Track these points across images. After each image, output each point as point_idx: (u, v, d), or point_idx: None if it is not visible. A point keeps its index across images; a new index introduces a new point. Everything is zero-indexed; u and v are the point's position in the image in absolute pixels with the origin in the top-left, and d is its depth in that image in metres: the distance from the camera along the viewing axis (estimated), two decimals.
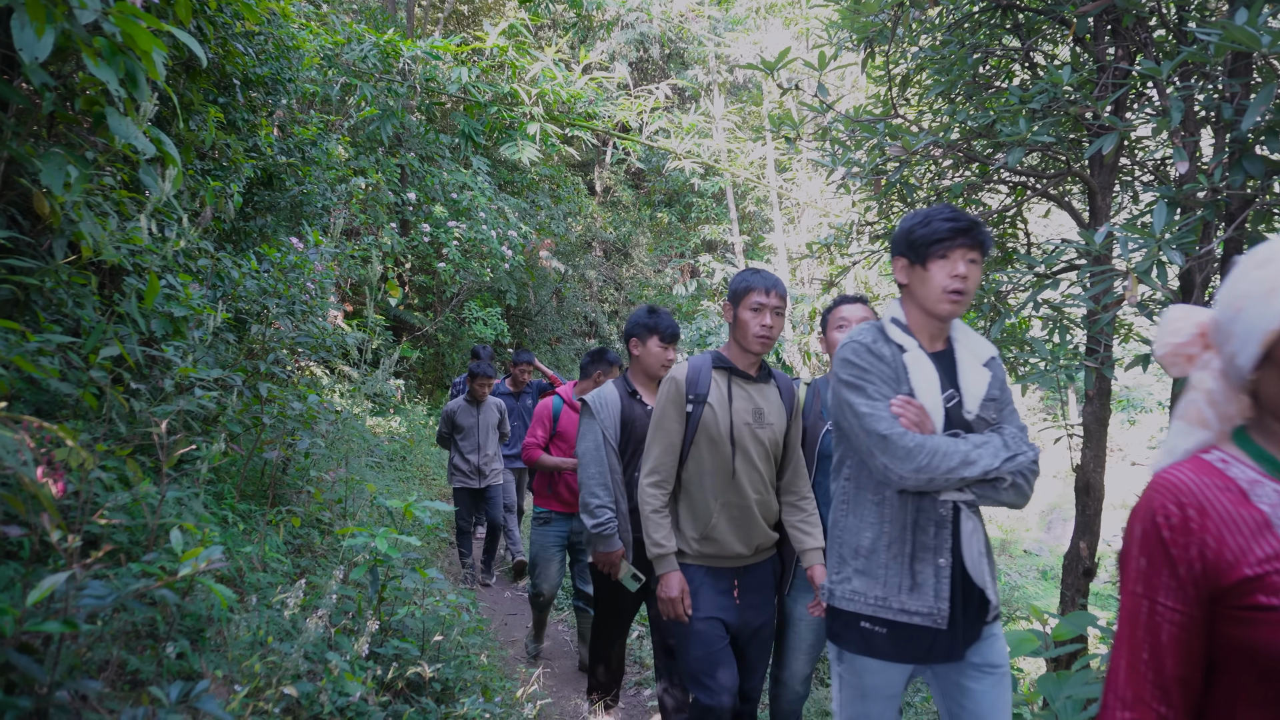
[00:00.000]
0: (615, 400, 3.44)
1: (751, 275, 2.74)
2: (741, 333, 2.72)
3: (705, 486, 2.75)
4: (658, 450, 2.78)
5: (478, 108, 8.49)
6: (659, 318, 3.49)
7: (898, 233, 2.17)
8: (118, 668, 1.90)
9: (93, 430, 2.43)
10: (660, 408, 2.78)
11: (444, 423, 6.12)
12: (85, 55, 1.85)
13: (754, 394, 2.78)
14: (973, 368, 2.16)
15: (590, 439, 3.38)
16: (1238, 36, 2.14)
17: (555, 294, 15.56)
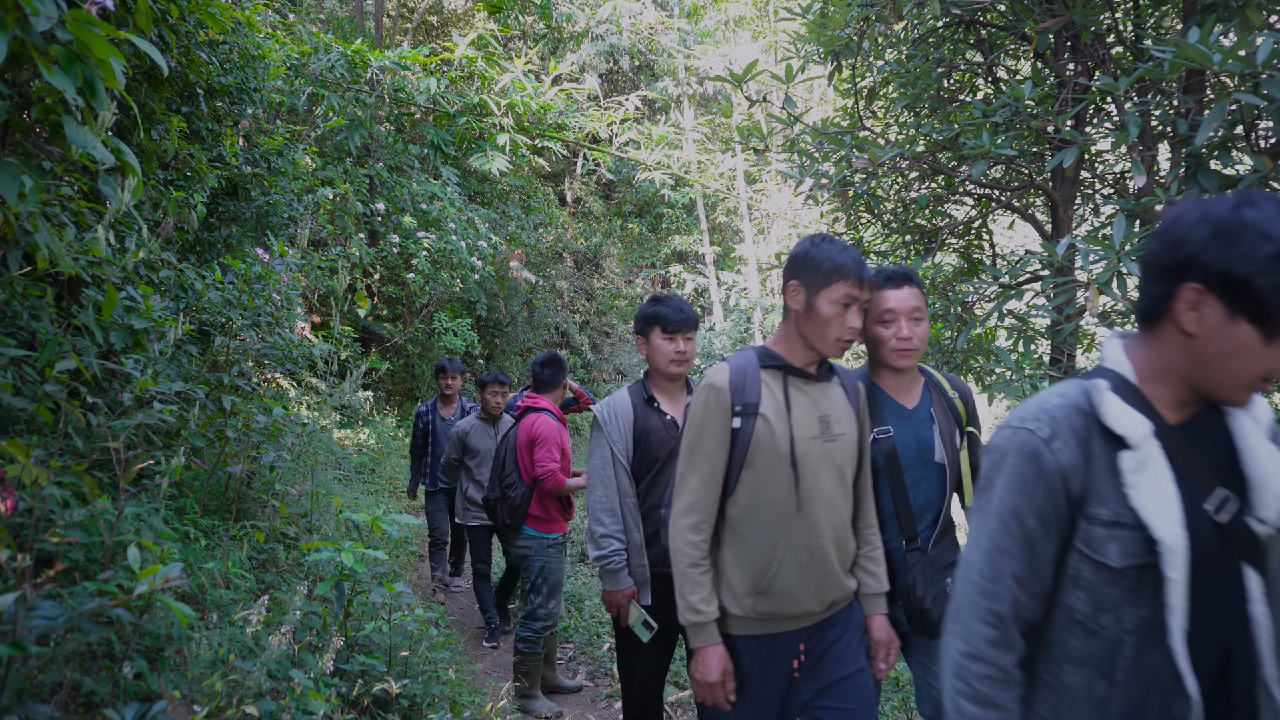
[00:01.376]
0: (627, 409, 2.99)
1: (840, 253, 2.05)
2: (817, 328, 2.06)
3: (761, 524, 2.08)
4: (695, 481, 2.10)
5: (447, 118, 8.46)
6: (661, 305, 2.99)
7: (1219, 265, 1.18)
8: (71, 690, 1.85)
9: (48, 446, 2.37)
10: (696, 425, 2.12)
11: (452, 445, 5.26)
12: (40, 63, 1.81)
13: (817, 397, 2.15)
14: (1259, 442, 1.29)
15: (598, 456, 2.96)
16: (1190, 54, 2.19)
17: (526, 304, 15.51)
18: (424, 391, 12.66)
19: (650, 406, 3.01)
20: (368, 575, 2.92)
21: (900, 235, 4.45)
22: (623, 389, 3.09)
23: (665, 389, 3.04)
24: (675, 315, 2.96)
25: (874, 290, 2.29)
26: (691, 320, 2.97)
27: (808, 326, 2.09)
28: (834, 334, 2.06)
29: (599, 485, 2.95)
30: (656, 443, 2.95)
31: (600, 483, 2.95)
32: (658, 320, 2.96)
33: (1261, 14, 2.74)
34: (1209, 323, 1.20)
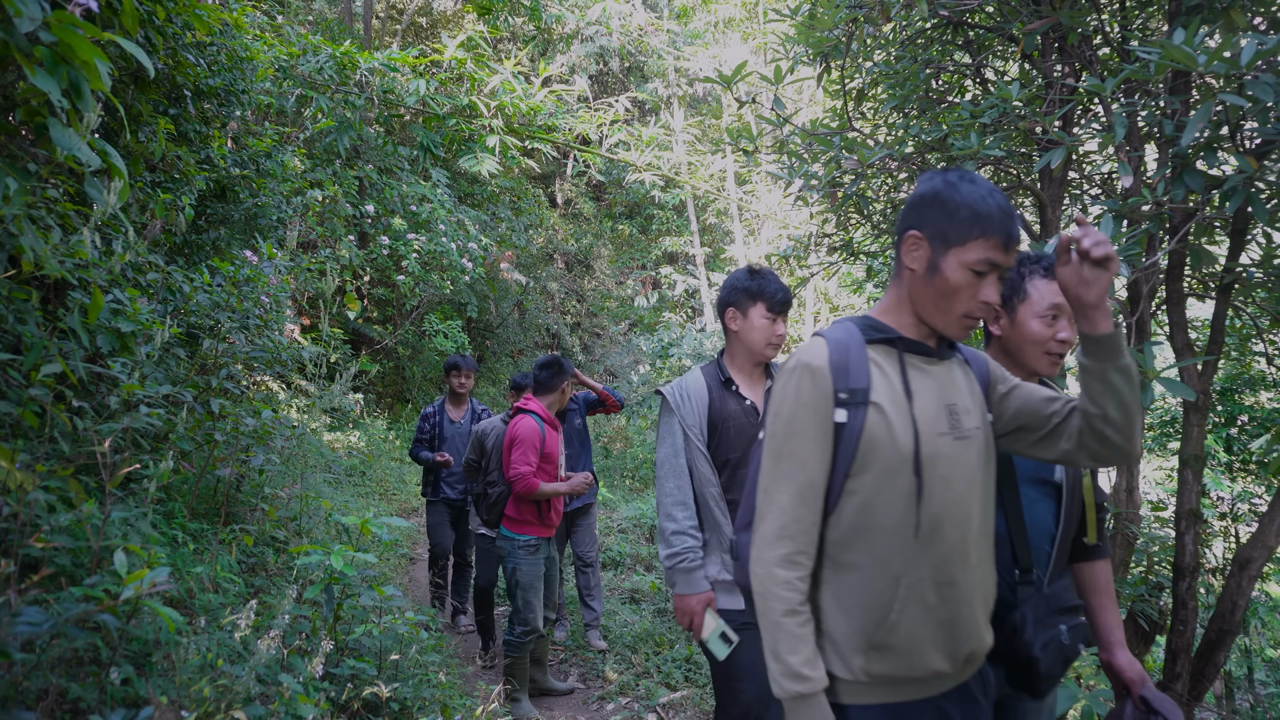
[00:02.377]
0: (701, 391, 2.67)
1: (984, 199, 1.53)
2: (938, 299, 1.58)
3: (875, 554, 1.55)
4: (787, 496, 1.57)
5: (436, 120, 8.44)
6: (765, 280, 2.69)
7: None
8: (57, 696, 1.84)
9: (33, 450, 2.35)
10: (784, 419, 1.60)
11: (472, 446, 4.82)
12: (25, 65, 1.80)
13: (942, 380, 1.64)
14: None
15: (668, 443, 2.65)
16: (1176, 56, 2.20)
17: (517, 306, 15.49)
18: (415, 394, 12.63)
19: (728, 389, 2.68)
20: (358, 578, 2.92)
21: (890, 236, 4.46)
22: (694, 369, 2.77)
23: (746, 372, 2.72)
24: (782, 294, 2.67)
25: (1041, 277, 1.91)
26: (791, 303, 2.71)
27: (926, 294, 1.60)
28: (960, 308, 1.57)
29: (669, 476, 2.63)
30: (735, 430, 2.62)
31: (671, 473, 2.63)
32: (762, 296, 2.65)
33: (1245, 16, 2.76)
34: None
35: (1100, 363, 1.58)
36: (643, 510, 8.09)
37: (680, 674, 4.76)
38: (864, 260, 4.76)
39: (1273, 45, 2.15)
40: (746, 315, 2.67)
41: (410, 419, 11.83)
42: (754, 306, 2.66)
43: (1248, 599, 3.20)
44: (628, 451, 11.21)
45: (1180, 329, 3.28)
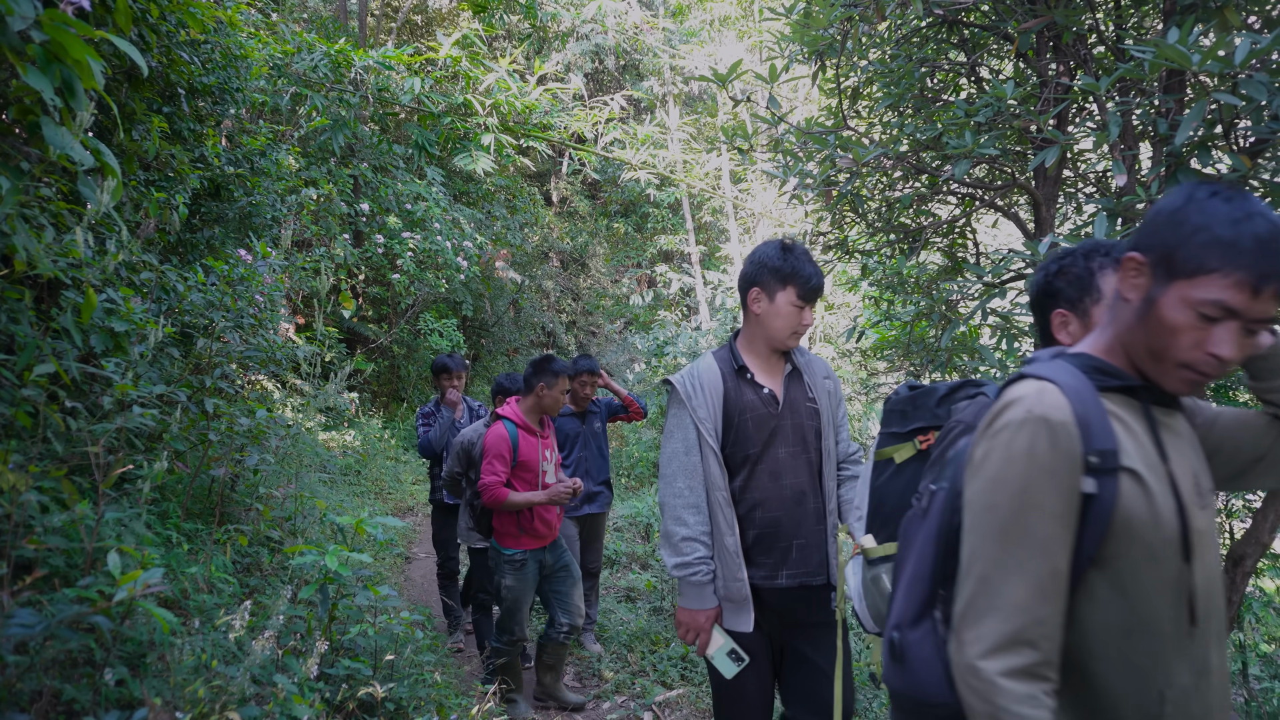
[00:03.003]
0: (715, 380, 2.42)
1: (1239, 225, 1.18)
2: (1153, 339, 1.27)
3: (1131, 660, 1.24)
4: (1023, 589, 1.21)
5: (431, 118, 8.43)
6: (798, 261, 2.41)
7: None
8: (51, 698, 1.83)
9: (26, 451, 2.34)
10: (1016, 490, 1.24)
11: (455, 458, 4.41)
12: (17, 64, 1.79)
13: (1185, 434, 1.38)
14: None
15: (679, 438, 2.41)
16: (1170, 55, 2.21)
17: (512, 305, 15.48)
18: (410, 393, 12.61)
19: (742, 378, 2.44)
20: (352, 578, 2.91)
21: (884, 234, 4.46)
22: (705, 355, 2.52)
23: (763, 358, 2.48)
24: (816, 279, 2.42)
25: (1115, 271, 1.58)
26: (822, 291, 2.47)
27: (1136, 333, 1.30)
28: (1178, 355, 1.24)
29: (679, 475, 2.39)
30: (754, 423, 2.38)
31: (682, 471, 2.39)
32: (794, 280, 2.39)
33: (1239, 15, 2.77)
34: None
35: None
36: (638, 509, 8.09)
37: (676, 672, 4.76)
38: (859, 259, 4.76)
39: (1266, 44, 2.16)
40: (773, 299, 2.41)
41: (406, 418, 11.82)
42: (782, 290, 2.40)
43: (1242, 595, 3.21)
44: (623, 450, 11.22)
45: None
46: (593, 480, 5.05)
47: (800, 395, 2.49)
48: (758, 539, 2.41)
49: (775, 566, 2.40)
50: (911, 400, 1.84)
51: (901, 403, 1.86)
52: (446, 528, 5.16)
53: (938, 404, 1.77)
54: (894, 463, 1.82)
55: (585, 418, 5.07)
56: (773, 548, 2.41)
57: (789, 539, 2.41)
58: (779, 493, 2.41)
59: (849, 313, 11.87)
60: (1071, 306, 1.66)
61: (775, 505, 2.41)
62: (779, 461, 2.42)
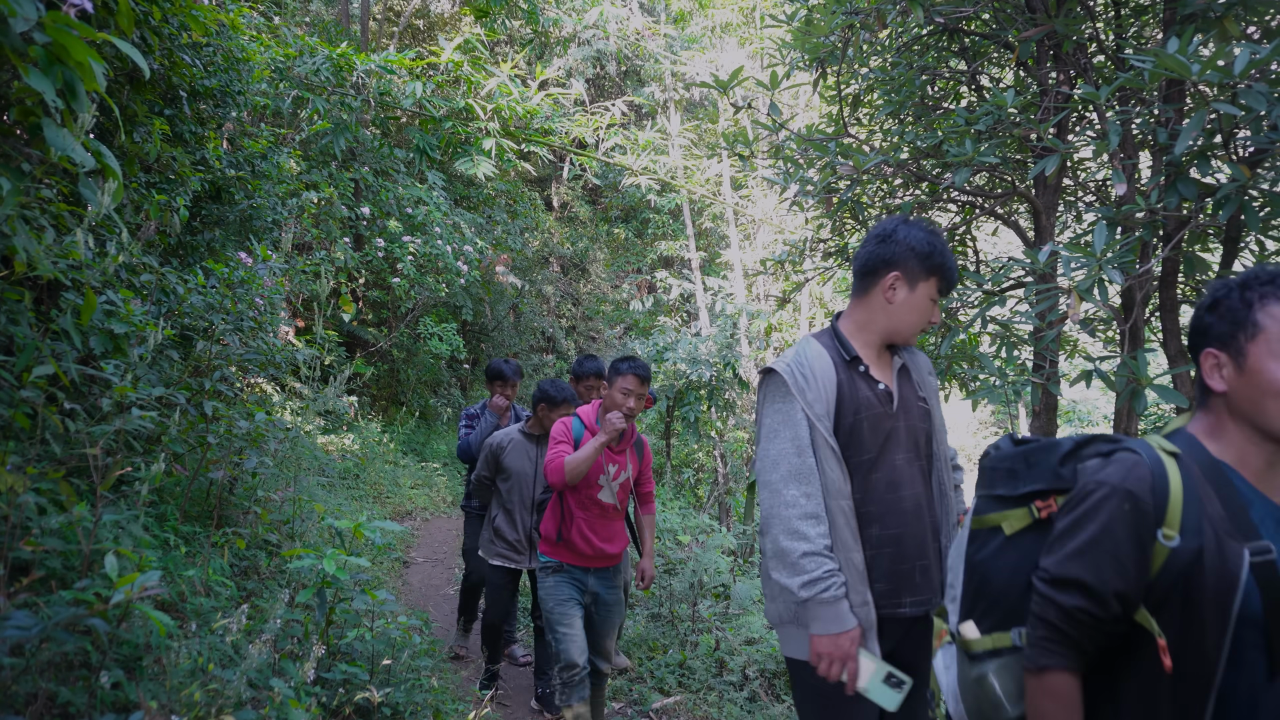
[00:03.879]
0: (827, 369, 2.09)
1: None
2: None
3: None
4: None
5: (433, 122, 8.44)
6: (945, 250, 2.16)
7: None
8: (47, 700, 1.83)
9: (24, 452, 2.34)
10: None
11: (484, 461, 4.29)
12: (19, 65, 1.79)
13: None
14: None
15: (786, 436, 2.05)
16: (1170, 64, 2.21)
17: (512, 309, 15.48)
18: (409, 396, 12.59)
19: (855, 370, 2.14)
20: (350, 582, 2.90)
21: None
22: (806, 340, 2.19)
23: (874, 350, 2.19)
24: (955, 274, 2.18)
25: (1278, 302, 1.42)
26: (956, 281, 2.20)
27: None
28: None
29: (792, 481, 2.01)
30: (870, 425, 2.08)
31: (794, 477, 2.01)
32: (941, 272, 2.14)
33: (1239, 25, 2.78)
34: None
35: None
36: None
37: (674, 679, 4.75)
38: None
39: (1266, 55, 2.16)
40: (914, 288, 2.13)
41: (405, 422, 11.81)
42: (925, 281, 2.13)
43: None
44: None
45: (1174, 336, 3.29)
46: None
47: (911, 394, 2.22)
48: (874, 560, 2.08)
49: (897, 593, 2.09)
50: (1024, 457, 1.58)
51: (1009, 459, 1.60)
52: (474, 537, 4.91)
53: (1060, 462, 1.52)
54: (1002, 533, 1.57)
55: None
56: (893, 570, 2.09)
57: (911, 560, 2.11)
58: (898, 505, 2.11)
59: None
60: (1223, 345, 1.44)
61: (895, 520, 2.10)
62: (897, 469, 2.12)
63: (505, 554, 4.28)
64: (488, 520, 4.37)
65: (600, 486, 3.56)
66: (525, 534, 4.26)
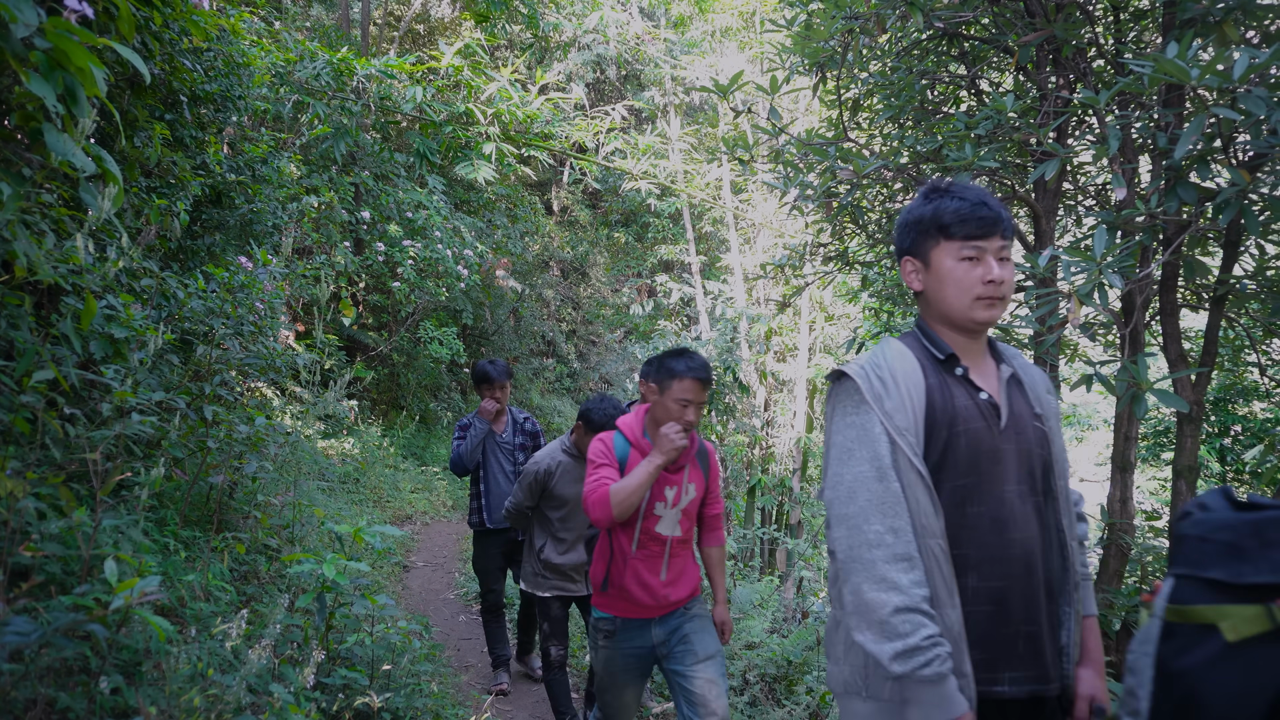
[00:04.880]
0: (914, 374, 1.67)
1: None
2: None
3: None
4: None
5: (433, 127, 8.45)
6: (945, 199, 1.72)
7: None
8: (46, 706, 1.82)
9: (24, 457, 2.34)
10: None
11: (528, 490, 3.75)
12: (19, 71, 1.80)
13: None
14: None
15: (864, 456, 1.62)
16: (1169, 69, 2.21)
17: (512, 313, 15.49)
18: (409, 401, 12.59)
19: (950, 373, 1.71)
20: (350, 587, 2.90)
21: (885, 246, 4.47)
22: (887, 339, 1.79)
23: (960, 348, 1.74)
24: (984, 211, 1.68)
25: None
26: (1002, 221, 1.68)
27: None
28: None
29: (872, 513, 1.58)
30: (968, 443, 1.63)
31: (876, 507, 1.59)
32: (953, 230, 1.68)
33: (1238, 30, 2.78)
34: None
35: None
36: None
37: None
38: (859, 270, 4.77)
39: (1265, 59, 2.17)
40: (930, 264, 1.72)
41: (405, 426, 11.80)
42: (937, 246, 1.70)
43: None
44: None
45: (1174, 340, 3.29)
46: None
47: (1025, 410, 1.75)
48: (969, 620, 1.61)
49: (993, 665, 1.62)
50: (1254, 531, 1.17)
51: (1229, 530, 1.19)
52: (485, 556, 4.64)
53: None
54: (1220, 637, 1.15)
55: None
56: (992, 636, 1.63)
57: (1016, 624, 1.63)
58: (1004, 551, 1.63)
59: (849, 324, 11.87)
60: None
61: (998, 569, 1.63)
62: (1005, 504, 1.65)
63: (560, 585, 3.79)
64: (530, 550, 3.86)
65: (658, 517, 2.81)
66: (578, 563, 3.79)
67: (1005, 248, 1.69)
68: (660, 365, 2.78)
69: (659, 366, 2.78)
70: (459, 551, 7.88)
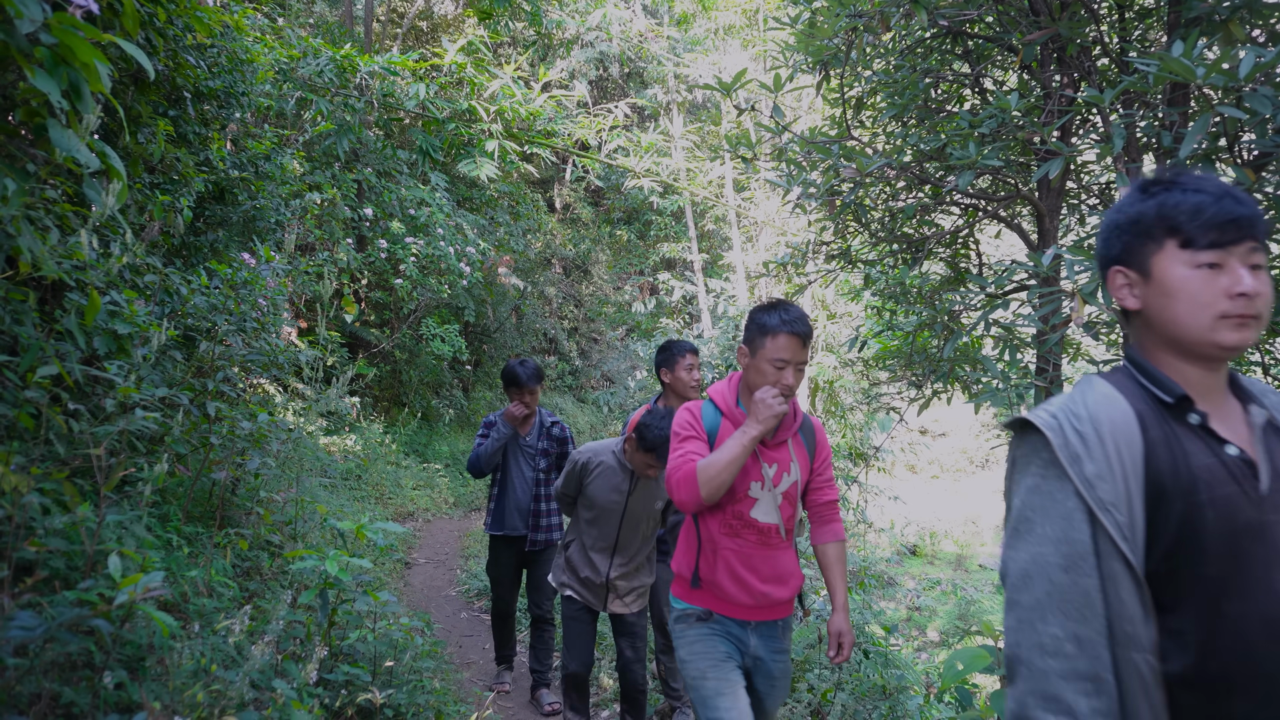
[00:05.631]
0: (1127, 419, 1.26)
1: None
2: None
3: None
4: None
5: (436, 124, 8.45)
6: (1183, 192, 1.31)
7: None
8: (50, 700, 1.83)
9: (28, 452, 2.34)
10: None
11: (565, 477, 3.59)
12: (24, 66, 1.80)
13: None
14: None
15: (1049, 534, 1.23)
16: (1174, 68, 2.21)
17: (514, 311, 15.49)
18: (411, 398, 12.59)
19: (1181, 421, 1.28)
20: (353, 583, 2.91)
21: (887, 244, 4.47)
22: (1090, 379, 1.38)
23: (1200, 385, 1.31)
24: (1194, 207, 1.28)
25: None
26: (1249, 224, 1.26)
27: None
28: None
29: (1052, 611, 1.19)
30: (1217, 514, 1.20)
31: (1055, 603, 1.19)
32: (1166, 221, 1.30)
33: (1244, 29, 2.77)
34: None
35: None
36: None
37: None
38: (862, 268, 4.76)
39: (1271, 58, 2.16)
40: (1153, 274, 1.33)
41: (408, 422, 11.81)
42: (1162, 251, 1.31)
43: None
44: None
45: None
46: None
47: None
48: None
49: None
50: None
51: None
52: (497, 563, 4.46)
53: None
54: None
55: None
56: None
57: None
58: (1275, 663, 1.18)
59: (851, 322, 11.87)
60: None
61: (1265, 691, 1.18)
62: (1276, 599, 1.19)
63: (580, 591, 3.55)
64: (563, 539, 3.74)
65: (753, 500, 2.43)
66: (603, 580, 3.49)
67: (1258, 251, 1.27)
68: (751, 321, 2.43)
69: (750, 323, 2.44)
70: (461, 548, 7.90)
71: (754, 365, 2.40)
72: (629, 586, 3.53)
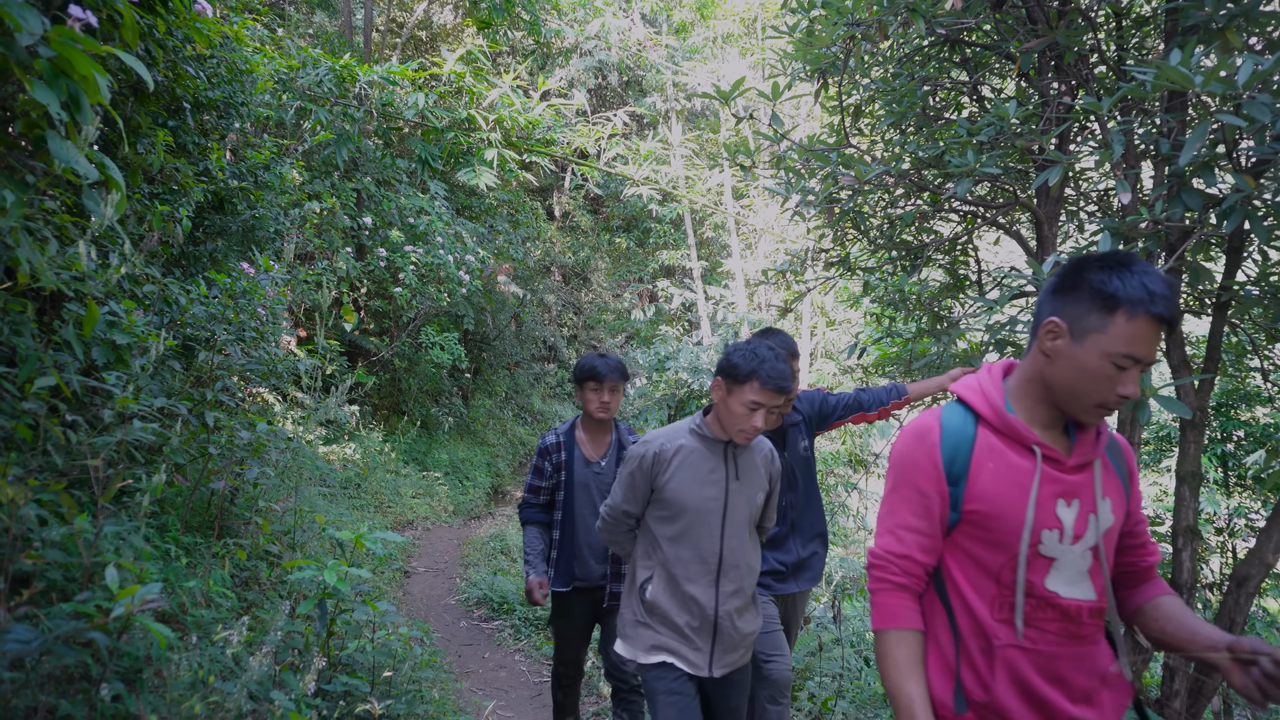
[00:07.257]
0: None
1: None
2: None
3: None
4: None
5: (435, 133, 8.47)
6: None
7: None
8: (47, 714, 1.82)
9: (26, 463, 2.34)
10: None
11: (628, 484, 2.53)
12: (23, 78, 1.80)
13: None
14: None
15: None
16: (1172, 76, 2.21)
17: (514, 319, 15.49)
18: (410, 406, 12.58)
19: None
20: (351, 593, 2.90)
21: (886, 252, 4.47)
22: None
23: None
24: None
25: None
26: None
27: None
28: None
29: None
30: None
31: None
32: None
33: (1241, 36, 2.78)
34: None
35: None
36: None
37: None
38: (861, 275, 4.77)
39: (1269, 66, 2.17)
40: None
41: (406, 431, 11.80)
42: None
43: (1246, 615, 3.19)
44: None
45: (1177, 346, 3.28)
46: (802, 537, 3.23)
47: None
48: None
49: None
50: None
51: None
52: (567, 617, 3.38)
53: None
54: None
55: (785, 435, 3.20)
56: None
57: None
58: None
59: (851, 329, 11.87)
60: None
61: None
62: None
63: (676, 648, 2.44)
64: (632, 588, 2.57)
65: (1047, 561, 1.52)
66: (711, 618, 2.42)
67: None
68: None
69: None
70: (460, 557, 7.87)
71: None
72: (741, 634, 2.44)
